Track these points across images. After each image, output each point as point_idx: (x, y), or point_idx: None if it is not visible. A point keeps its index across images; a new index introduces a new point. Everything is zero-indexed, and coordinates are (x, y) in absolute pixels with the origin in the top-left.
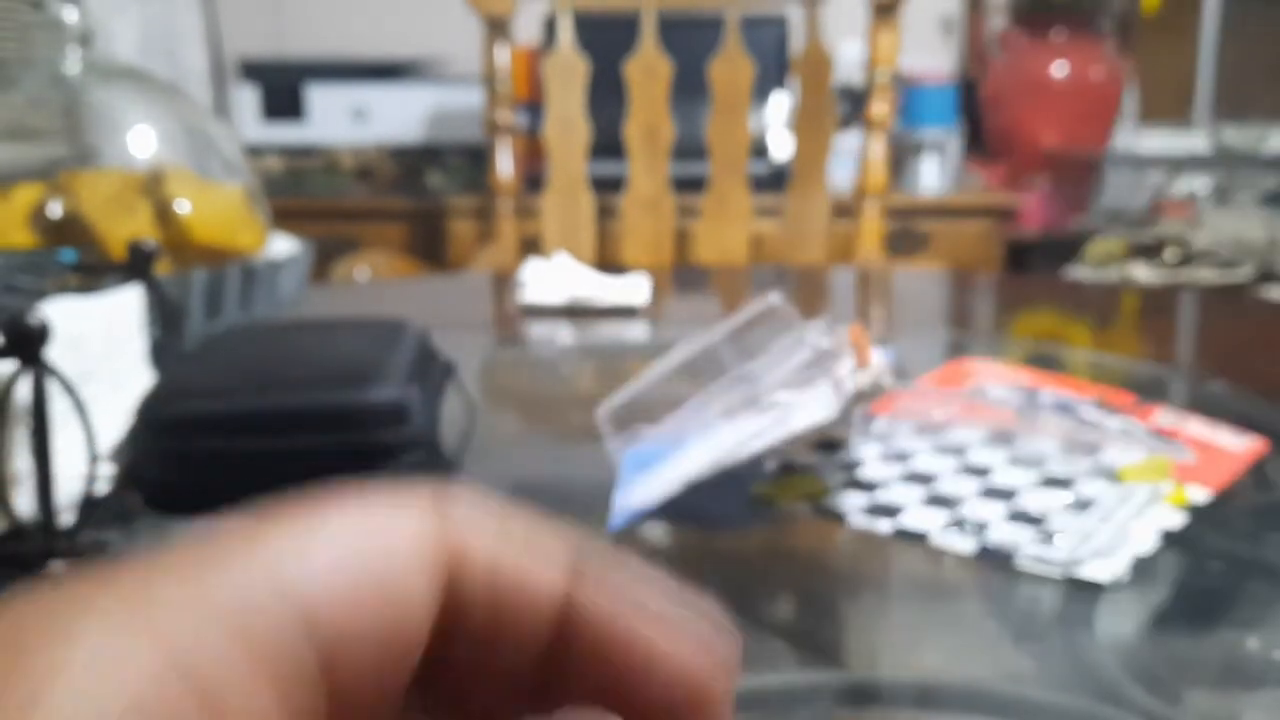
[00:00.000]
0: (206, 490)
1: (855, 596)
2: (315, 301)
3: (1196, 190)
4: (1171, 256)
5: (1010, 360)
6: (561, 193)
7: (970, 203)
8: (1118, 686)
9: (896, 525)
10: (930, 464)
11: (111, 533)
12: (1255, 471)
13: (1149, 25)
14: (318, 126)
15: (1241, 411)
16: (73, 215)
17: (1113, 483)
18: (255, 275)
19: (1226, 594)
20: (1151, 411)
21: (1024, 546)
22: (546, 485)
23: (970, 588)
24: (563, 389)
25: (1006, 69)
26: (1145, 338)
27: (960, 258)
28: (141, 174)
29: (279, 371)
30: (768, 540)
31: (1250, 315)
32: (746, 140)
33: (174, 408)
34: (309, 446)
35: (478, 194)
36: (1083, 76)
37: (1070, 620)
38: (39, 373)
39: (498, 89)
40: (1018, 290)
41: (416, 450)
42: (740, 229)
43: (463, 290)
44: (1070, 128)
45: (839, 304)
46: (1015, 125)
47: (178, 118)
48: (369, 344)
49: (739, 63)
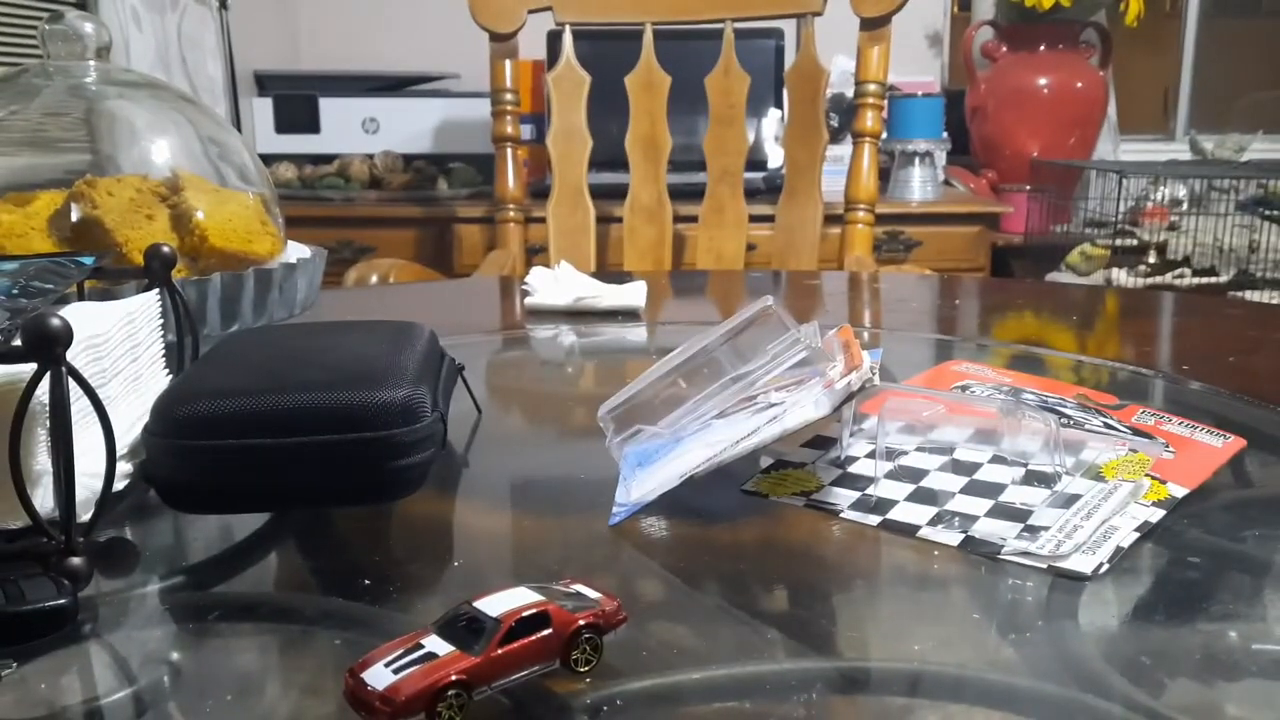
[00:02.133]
0: (221, 488)
1: (846, 588)
2: (328, 305)
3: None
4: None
5: (995, 361)
6: (565, 201)
7: (957, 210)
8: (1100, 676)
9: (885, 519)
10: (918, 461)
11: (128, 530)
12: (1233, 467)
13: (1130, 38)
14: (330, 139)
15: (1219, 410)
16: (92, 222)
17: (1095, 479)
18: (270, 280)
19: (1206, 586)
20: (1132, 411)
21: (1009, 540)
22: (549, 481)
23: (957, 580)
24: (565, 389)
25: (992, 81)
26: (1126, 340)
27: (947, 263)
28: (159, 182)
29: (292, 372)
30: (761, 533)
31: (1227, 318)
32: (742, 151)
33: (190, 408)
34: (321, 445)
35: (485, 202)
36: (1066, 87)
37: (1054, 611)
38: (59, 374)
39: (504, 102)
40: (1003, 294)
41: (426, 448)
42: (736, 236)
43: (470, 294)
44: (1054, 137)
45: (830, 307)
46: (1000, 135)
47: (194, 128)
48: (380, 345)
49: (735, 76)
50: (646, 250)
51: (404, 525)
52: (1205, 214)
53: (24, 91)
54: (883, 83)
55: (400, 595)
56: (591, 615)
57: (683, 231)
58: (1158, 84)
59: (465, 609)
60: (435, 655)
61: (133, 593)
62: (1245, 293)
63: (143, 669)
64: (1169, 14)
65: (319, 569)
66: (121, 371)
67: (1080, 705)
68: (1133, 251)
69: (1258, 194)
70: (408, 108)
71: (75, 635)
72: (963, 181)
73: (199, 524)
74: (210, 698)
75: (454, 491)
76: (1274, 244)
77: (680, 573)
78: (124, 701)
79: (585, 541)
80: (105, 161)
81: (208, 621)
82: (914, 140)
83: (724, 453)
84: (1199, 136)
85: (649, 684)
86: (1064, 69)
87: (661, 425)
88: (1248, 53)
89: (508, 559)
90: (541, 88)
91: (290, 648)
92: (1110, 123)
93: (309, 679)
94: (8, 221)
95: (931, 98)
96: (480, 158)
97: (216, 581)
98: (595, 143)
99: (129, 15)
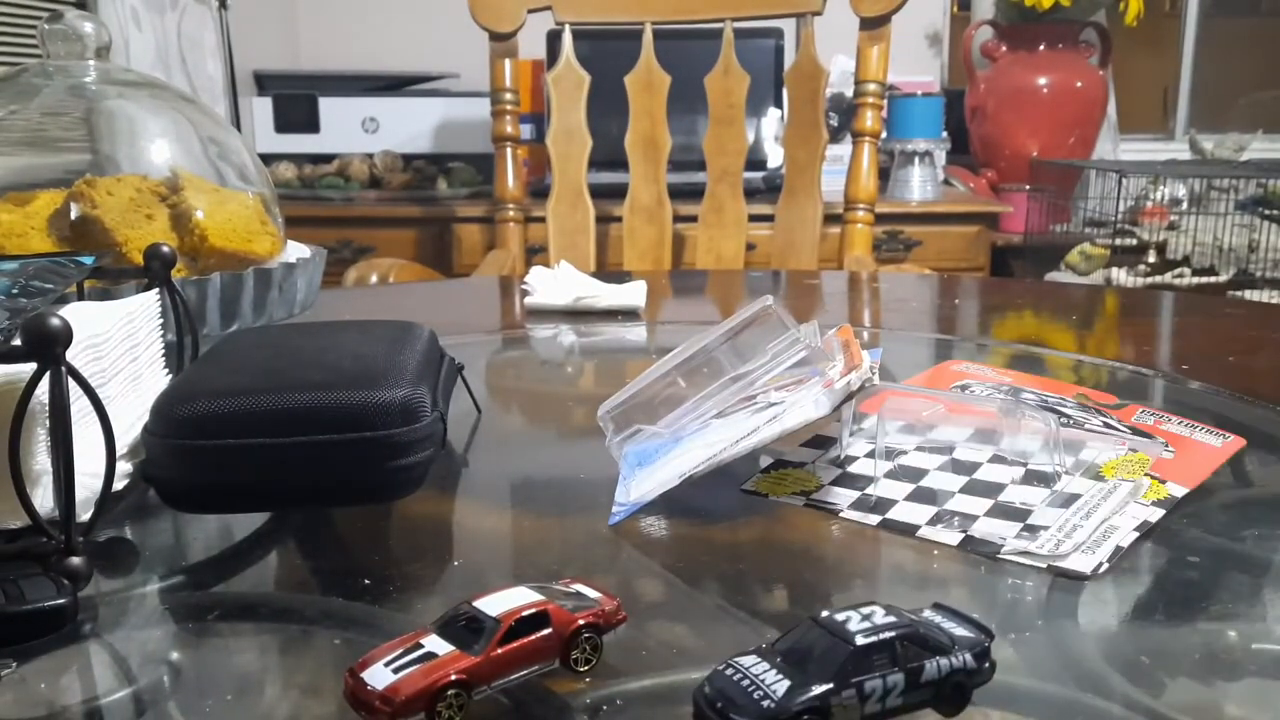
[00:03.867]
0: (221, 488)
1: (846, 587)
2: (328, 305)
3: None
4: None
5: (995, 361)
6: (564, 201)
7: (956, 210)
8: (1100, 676)
9: (885, 519)
10: (918, 460)
11: (128, 529)
12: (1232, 467)
13: (1130, 37)
14: (330, 138)
15: (1219, 410)
16: (92, 221)
17: (1094, 478)
18: (270, 280)
19: (1205, 586)
20: (1132, 410)
21: (1009, 540)
22: (549, 481)
23: (956, 579)
24: (565, 388)
25: (992, 80)
26: (1126, 339)
27: (947, 263)
28: (159, 182)
29: (292, 372)
30: (761, 533)
31: (1227, 318)
32: (742, 150)
33: (189, 407)
34: (321, 444)
35: (484, 202)
36: (1066, 87)
37: (1053, 611)
38: (59, 374)
39: (503, 102)
40: (1002, 294)
41: (426, 448)
42: (735, 236)
43: (470, 293)
44: (1053, 137)
45: (830, 307)
46: (1000, 135)
47: (194, 127)
48: (380, 345)
49: (735, 76)
50: (646, 250)
51: (404, 525)
52: (1205, 213)
53: (24, 91)
54: (882, 82)
55: (400, 595)
56: (591, 615)
57: (682, 231)
58: (1157, 84)
59: (465, 609)
60: (435, 655)
61: (133, 593)
62: (1245, 292)
63: (143, 669)
64: (1169, 13)
65: (319, 569)
66: (121, 371)
67: (1080, 705)
68: (1132, 251)
69: (1257, 194)
70: (407, 107)
71: (75, 635)
72: (962, 181)
73: (199, 524)
74: (210, 698)
75: (454, 491)
76: (1273, 244)
77: (680, 572)
78: (124, 701)
79: (585, 541)
80: (105, 161)
81: (208, 621)
82: (913, 140)
83: (724, 452)
84: (1198, 136)
85: (649, 684)
86: (1064, 69)
87: (661, 425)
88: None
89: (507, 559)
90: (541, 87)
91: (290, 648)
92: (1110, 122)
93: (309, 679)
94: (7, 221)
95: (931, 97)
96: (480, 157)
97: (216, 581)
98: (595, 142)
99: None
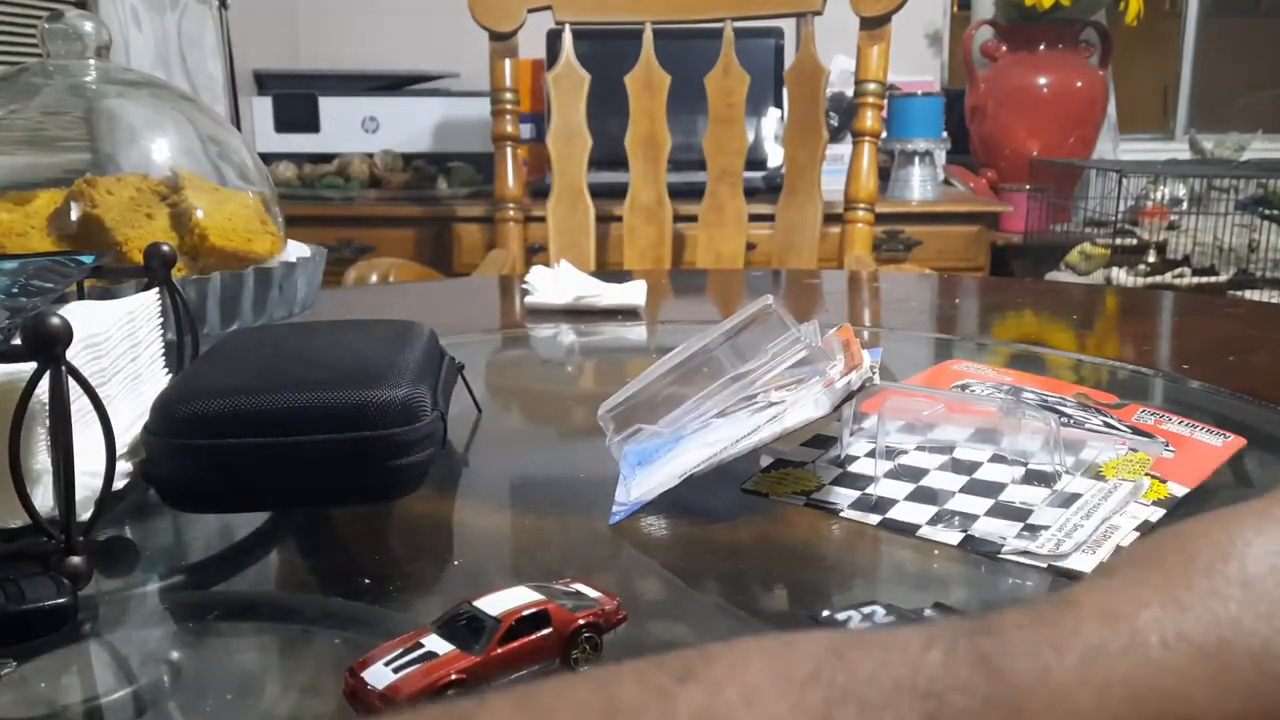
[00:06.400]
0: (221, 488)
1: (846, 587)
2: (328, 304)
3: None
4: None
5: (995, 361)
6: (564, 200)
7: (956, 209)
8: None
9: (885, 518)
10: (918, 460)
11: (128, 529)
12: (1232, 466)
13: (1130, 37)
14: (330, 138)
15: (1219, 410)
16: (92, 221)
17: (1095, 478)
18: (270, 279)
19: None
20: (1132, 410)
21: (1009, 539)
22: (550, 480)
23: (956, 579)
24: (565, 388)
25: (992, 80)
26: (1126, 339)
27: (947, 262)
28: (159, 181)
29: (292, 371)
30: (761, 532)
31: (1227, 317)
32: (742, 150)
33: (190, 407)
34: (321, 444)
35: (484, 201)
36: (1066, 87)
37: None
38: (59, 373)
39: (503, 101)
40: (1002, 293)
41: (426, 447)
42: (735, 235)
43: (470, 293)
44: (1053, 136)
45: (830, 306)
46: (1000, 134)
47: (194, 126)
48: (380, 344)
49: (735, 76)
50: (646, 249)
51: (404, 525)
52: (1205, 213)
53: (24, 90)
54: (882, 82)
55: (400, 595)
56: (591, 614)
57: (682, 231)
58: (1157, 83)
59: (465, 608)
60: (435, 654)
61: (133, 592)
62: (1245, 292)
63: (143, 668)
64: (1169, 13)
65: (319, 569)
66: (121, 371)
67: None
68: (1132, 251)
69: (1257, 193)
70: (407, 107)
71: (75, 635)
72: (962, 181)
73: (199, 523)
74: (210, 697)
75: (454, 491)
76: (1273, 243)
77: (680, 572)
78: (124, 701)
79: (585, 541)
80: (105, 160)
81: (208, 621)
82: (914, 140)
83: (724, 452)
84: (1199, 136)
85: None
86: (1064, 68)
87: (661, 424)
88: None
89: (508, 558)
90: (541, 87)
91: (290, 647)
92: (1110, 122)
93: (309, 678)
94: (7, 220)
95: (931, 97)
96: (480, 157)
97: (216, 581)
98: (595, 142)
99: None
